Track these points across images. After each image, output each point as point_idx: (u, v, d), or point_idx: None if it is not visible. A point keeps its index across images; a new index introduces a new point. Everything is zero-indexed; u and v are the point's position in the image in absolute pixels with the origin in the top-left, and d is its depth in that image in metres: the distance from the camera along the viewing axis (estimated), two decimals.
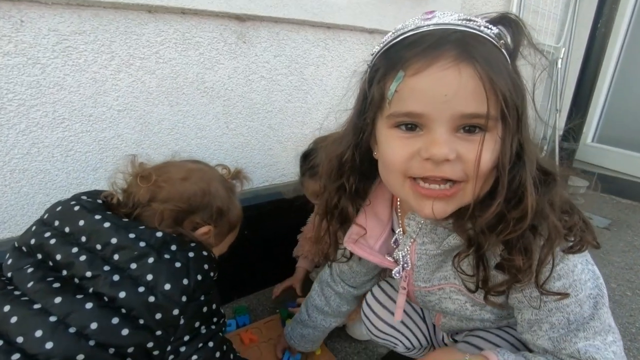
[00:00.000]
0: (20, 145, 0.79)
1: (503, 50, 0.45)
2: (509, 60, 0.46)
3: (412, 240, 0.59)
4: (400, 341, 0.81)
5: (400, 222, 0.63)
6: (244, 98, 1.07)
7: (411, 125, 0.46)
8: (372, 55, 0.52)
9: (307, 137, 1.26)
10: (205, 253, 0.63)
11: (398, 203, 0.63)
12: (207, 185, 0.69)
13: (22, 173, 0.81)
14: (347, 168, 0.57)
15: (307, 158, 0.98)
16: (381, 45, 0.50)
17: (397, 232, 0.63)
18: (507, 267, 0.48)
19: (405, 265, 0.61)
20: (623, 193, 2.20)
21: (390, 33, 0.49)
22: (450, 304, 0.62)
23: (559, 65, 2.10)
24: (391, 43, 0.48)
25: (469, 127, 0.44)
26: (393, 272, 0.62)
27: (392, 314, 0.77)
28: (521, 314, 0.55)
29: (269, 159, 1.20)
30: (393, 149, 0.48)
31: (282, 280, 1.21)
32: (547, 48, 2.00)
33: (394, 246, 0.63)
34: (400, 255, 0.61)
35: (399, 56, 0.45)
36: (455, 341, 0.74)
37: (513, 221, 0.45)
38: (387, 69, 0.46)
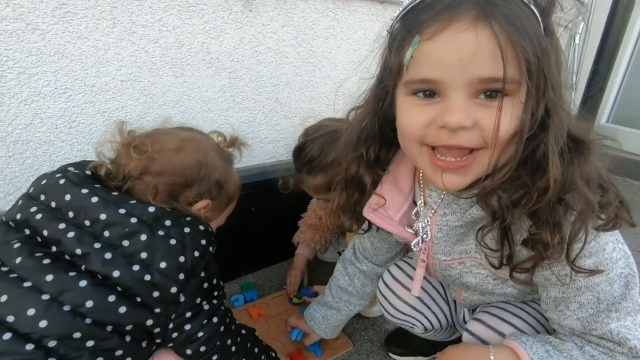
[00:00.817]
0: (23, 116, 0.77)
1: (532, 7, 0.42)
2: (539, 18, 0.42)
3: (432, 211, 0.57)
4: (419, 321, 0.77)
5: (422, 193, 0.61)
6: (250, 70, 1.04)
7: (429, 92, 0.45)
8: (392, 20, 0.49)
9: (315, 112, 1.23)
10: (202, 228, 0.60)
11: (421, 174, 0.61)
12: (203, 156, 0.65)
13: (25, 144, 0.79)
14: (365, 136, 0.56)
15: (301, 152, 0.92)
16: (401, 9, 0.48)
17: (418, 203, 0.61)
18: (533, 242, 0.46)
19: (425, 236, 0.59)
20: (637, 175, 2.15)
21: None
22: (471, 278, 0.60)
23: (577, 41, 2.02)
24: (410, 6, 0.46)
25: (490, 91, 0.42)
26: (412, 243, 0.60)
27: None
28: (547, 291, 0.54)
29: (276, 134, 1.17)
30: (409, 116, 0.47)
31: (288, 257, 1.20)
32: (564, 22, 1.92)
33: (415, 218, 0.62)
34: (420, 226, 0.59)
35: (415, 20, 0.44)
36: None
37: (537, 192, 0.44)
38: (405, 34, 0.45)
